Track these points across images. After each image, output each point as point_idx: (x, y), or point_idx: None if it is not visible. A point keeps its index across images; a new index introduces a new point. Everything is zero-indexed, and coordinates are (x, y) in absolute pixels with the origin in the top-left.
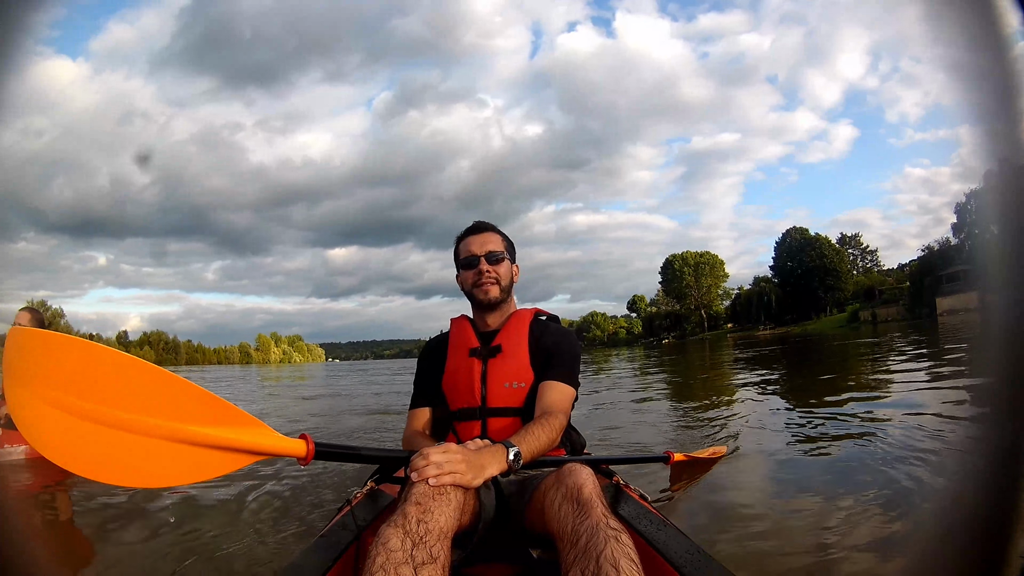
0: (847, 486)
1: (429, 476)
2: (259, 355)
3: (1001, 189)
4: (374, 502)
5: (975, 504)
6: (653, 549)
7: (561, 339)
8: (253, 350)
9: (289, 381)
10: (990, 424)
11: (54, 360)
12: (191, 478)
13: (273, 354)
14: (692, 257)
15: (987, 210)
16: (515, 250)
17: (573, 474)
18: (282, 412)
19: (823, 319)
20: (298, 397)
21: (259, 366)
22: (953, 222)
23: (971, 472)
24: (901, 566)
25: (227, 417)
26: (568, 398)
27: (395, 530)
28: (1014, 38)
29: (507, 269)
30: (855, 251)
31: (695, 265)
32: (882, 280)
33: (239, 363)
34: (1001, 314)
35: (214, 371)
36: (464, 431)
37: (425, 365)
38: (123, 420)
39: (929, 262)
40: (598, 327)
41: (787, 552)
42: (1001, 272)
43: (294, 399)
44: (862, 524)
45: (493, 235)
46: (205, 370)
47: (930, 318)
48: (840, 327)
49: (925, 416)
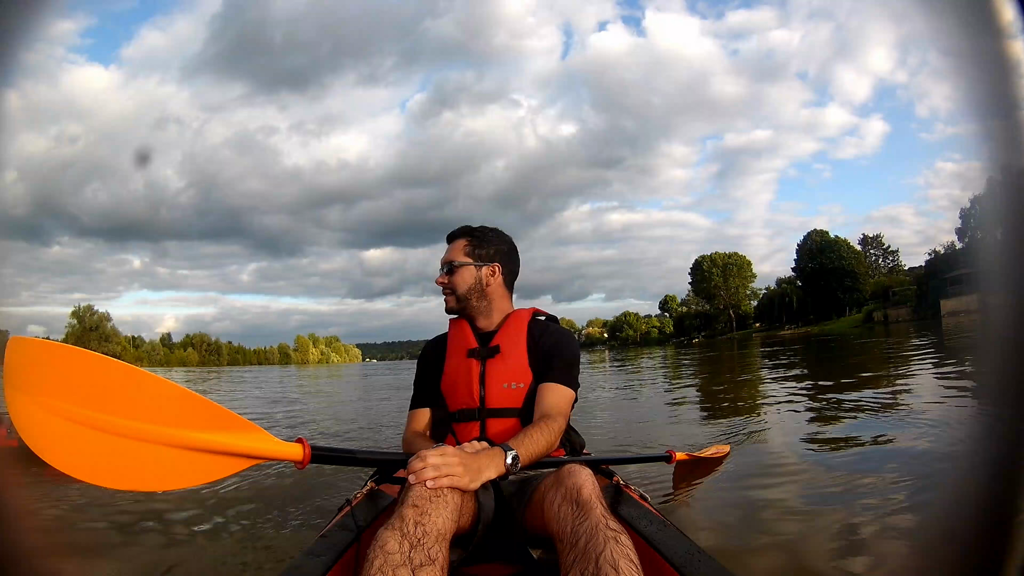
0: (849, 486)
1: (427, 479)
2: (298, 356)
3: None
4: (374, 503)
5: (976, 504)
6: (653, 550)
7: (560, 340)
8: (292, 351)
9: (353, 379)
10: (991, 424)
11: (53, 368)
12: (189, 482)
13: (311, 355)
14: (721, 258)
15: (989, 215)
16: (497, 248)
17: (572, 475)
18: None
19: (841, 320)
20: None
21: (298, 367)
22: (958, 227)
23: (972, 472)
24: (903, 566)
25: (224, 422)
26: (567, 400)
27: (392, 533)
28: (1013, 40)
29: (466, 276)
30: (877, 251)
31: (723, 266)
32: (902, 281)
33: (279, 363)
34: (1002, 315)
35: (264, 372)
36: (463, 432)
37: (424, 366)
38: (121, 426)
39: (934, 265)
40: (630, 327)
41: (788, 552)
42: (1001, 275)
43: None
44: (864, 524)
45: (458, 242)
46: (247, 370)
47: (935, 319)
48: (855, 327)
49: (925, 416)
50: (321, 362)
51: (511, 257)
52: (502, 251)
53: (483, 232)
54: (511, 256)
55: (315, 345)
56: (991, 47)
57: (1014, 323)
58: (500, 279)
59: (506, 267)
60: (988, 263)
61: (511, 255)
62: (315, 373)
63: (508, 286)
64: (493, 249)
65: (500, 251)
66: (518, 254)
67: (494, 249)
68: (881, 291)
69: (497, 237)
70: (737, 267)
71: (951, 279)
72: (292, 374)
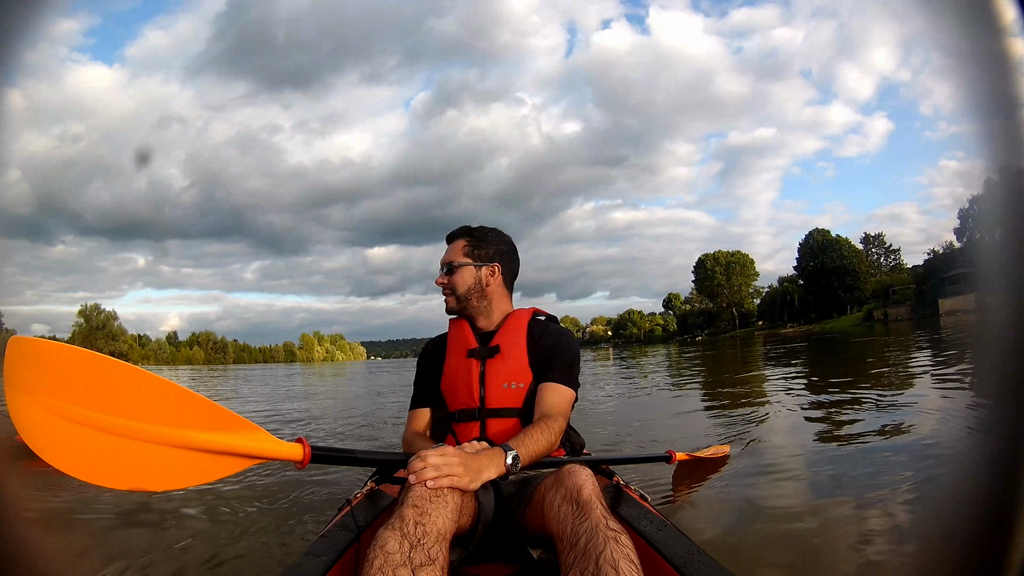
0: (849, 486)
1: (427, 479)
2: (303, 354)
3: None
4: (374, 502)
5: (976, 504)
6: (653, 550)
7: (560, 340)
8: (297, 349)
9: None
10: (990, 424)
11: (53, 368)
12: (189, 482)
13: (316, 353)
14: (723, 256)
15: (987, 215)
16: (496, 248)
17: (572, 475)
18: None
19: (842, 318)
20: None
21: (304, 364)
22: (956, 227)
23: (972, 472)
24: (903, 566)
25: (223, 422)
26: (568, 400)
27: (393, 533)
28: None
29: (466, 276)
30: (879, 250)
31: (726, 264)
32: (902, 280)
33: (284, 361)
34: (1000, 315)
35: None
36: (463, 432)
37: (424, 366)
38: (121, 426)
39: (933, 265)
40: (634, 324)
41: (788, 552)
42: (999, 274)
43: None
44: (864, 524)
45: (457, 243)
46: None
47: (933, 318)
48: (855, 326)
49: (924, 416)
50: (326, 360)
51: (510, 257)
52: (501, 251)
53: (482, 232)
54: (510, 256)
55: (320, 343)
56: (992, 47)
57: (1012, 322)
58: (500, 279)
59: (505, 267)
60: (986, 263)
61: (510, 255)
62: (321, 371)
63: (508, 286)
64: (492, 249)
65: (499, 251)
66: (517, 254)
67: (493, 249)
68: (882, 290)
69: (496, 237)
70: (740, 265)
71: (949, 278)
72: (299, 372)
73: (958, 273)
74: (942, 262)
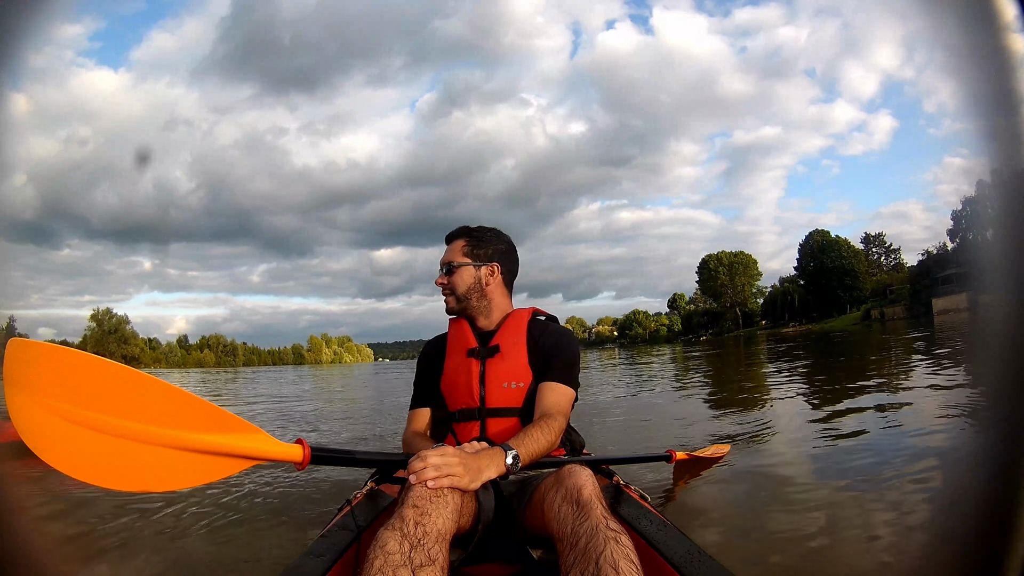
0: (848, 485)
1: (427, 479)
2: (311, 356)
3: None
4: (374, 502)
5: (976, 505)
6: (653, 550)
7: (560, 340)
8: (305, 351)
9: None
10: (989, 424)
11: (53, 370)
12: (189, 483)
13: (324, 355)
14: (727, 257)
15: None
16: (495, 248)
17: (572, 475)
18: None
19: (841, 317)
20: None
21: (312, 367)
22: (949, 228)
23: (971, 472)
24: (903, 566)
25: (223, 424)
26: (568, 400)
27: (393, 533)
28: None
29: (465, 276)
30: (879, 250)
31: (729, 264)
32: (900, 279)
33: (292, 363)
34: (992, 314)
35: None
36: (463, 432)
37: (424, 366)
38: (121, 427)
39: (927, 265)
40: (640, 324)
41: (788, 552)
42: (990, 274)
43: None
44: (863, 524)
45: (456, 243)
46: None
47: (926, 317)
48: (853, 325)
49: (926, 417)
50: (334, 362)
51: (510, 257)
52: (500, 251)
53: (481, 232)
54: (510, 256)
55: (328, 345)
56: (993, 44)
57: (1004, 321)
58: (499, 279)
59: (505, 267)
60: (978, 263)
61: (510, 255)
62: (329, 373)
63: (507, 285)
64: (491, 249)
65: (498, 251)
66: (517, 253)
67: (492, 249)
68: (880, 289)
69: (495, 237)
70: (743, 266)
71: (942, 278)
72: (308, 374)
73: (951, 273)
74: (936, 262)
